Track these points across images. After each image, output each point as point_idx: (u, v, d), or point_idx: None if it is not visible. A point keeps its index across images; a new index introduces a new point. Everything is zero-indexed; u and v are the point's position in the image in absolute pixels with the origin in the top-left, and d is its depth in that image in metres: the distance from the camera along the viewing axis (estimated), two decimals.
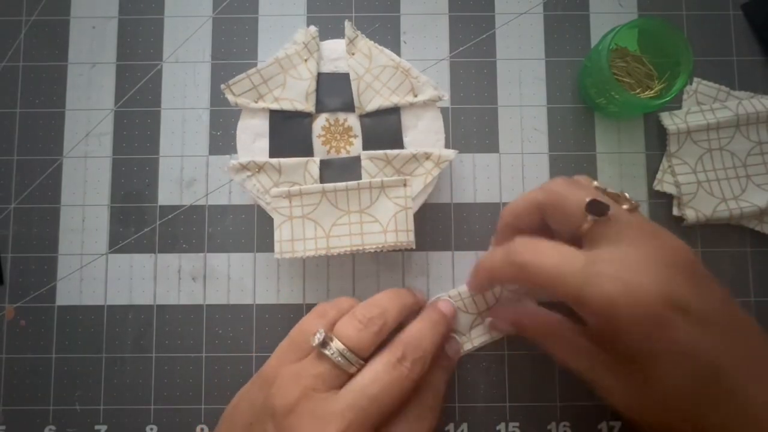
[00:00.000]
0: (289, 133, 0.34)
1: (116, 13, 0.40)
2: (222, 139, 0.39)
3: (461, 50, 0.39)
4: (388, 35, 0.39)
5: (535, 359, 0.37)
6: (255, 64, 0.37)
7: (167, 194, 0.38)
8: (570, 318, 0.31)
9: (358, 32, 0.35)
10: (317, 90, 0.34)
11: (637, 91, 0.37)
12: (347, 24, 0.35)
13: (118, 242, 0.38)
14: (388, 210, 0.33)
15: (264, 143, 0.34)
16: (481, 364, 0.37)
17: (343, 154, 0.34)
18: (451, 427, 0.36)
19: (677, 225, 0.38)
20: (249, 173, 0.34)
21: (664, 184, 0.38)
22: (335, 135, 0.34)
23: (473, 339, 0.36)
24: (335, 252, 0.33)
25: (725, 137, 0.37)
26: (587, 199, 0.28)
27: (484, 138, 0.39)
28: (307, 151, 0.34)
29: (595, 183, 0.30)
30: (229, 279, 0.38)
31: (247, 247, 0.38)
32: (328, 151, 0.34)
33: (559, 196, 0.30)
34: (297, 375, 0.28)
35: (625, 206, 0.29)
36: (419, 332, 0.30)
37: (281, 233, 0.33)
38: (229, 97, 0.34)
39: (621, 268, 0.27)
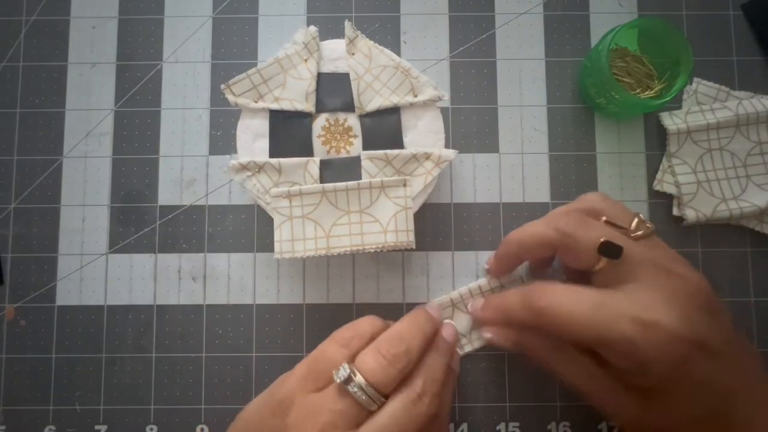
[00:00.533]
0: (289, 133, 0.34)
1: (116, 13, 0.40)
2: (222, 139, 0.39)
3: (461, 50, 0.39)
4: (388, 35, 0.39)
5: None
6: (255, 64, 0.37)
7: (167, 194, 0.38)
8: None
9: (358, 32, 0.35)
10: (317, 90, 0.34)
11: (637, 91, 0.37)
12: (347, 24, 0.34)
13: (118, 242, 0.38)
14: (388, 210, 0.33)
15: (264, 143, 0.34)
16: (481, 364, 0.37)
17: (343, 154, 0.34)
18: (451, 427, 0.36)
19: (677, 225, 0.38)
20: (249, 173, 0.33)
21: (664, 184, 0.38)
22: (335, 135, 0.34)
23: (473, 340, 0.36)
24: (335, 252, 0.33)
25: (725, 137, 0.37)
26: (600, 240, 0.28)
27: (484, 138, 0.39)
28: (307, 151, 0.34)
29: (604, 218, 0.30)
30: (229, 279, 0.38)
31: (247, 247, 0.38)
32: (328, 151, 0.34)
33: (571, 238, 0.30)
34: (316, 410, 0.27)
35: (640, 232, 0.30)
36: (435, 367, 0.29)
37: (281, 233, 0.33)
38: (229, 97, 0.34)
39: (638, 309, 0.27)
